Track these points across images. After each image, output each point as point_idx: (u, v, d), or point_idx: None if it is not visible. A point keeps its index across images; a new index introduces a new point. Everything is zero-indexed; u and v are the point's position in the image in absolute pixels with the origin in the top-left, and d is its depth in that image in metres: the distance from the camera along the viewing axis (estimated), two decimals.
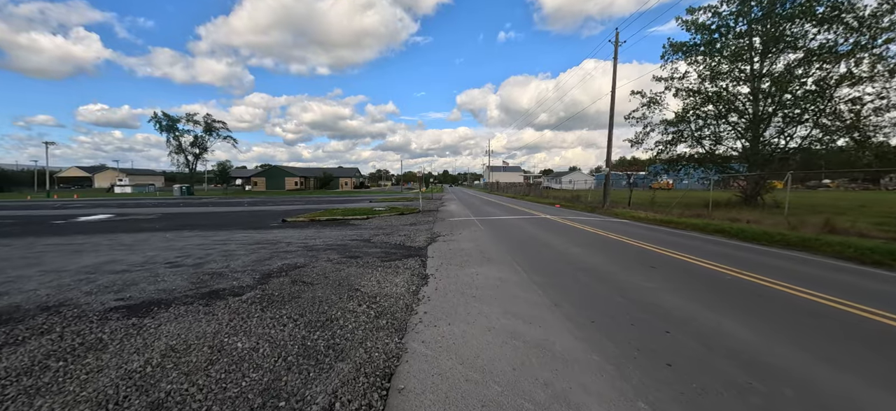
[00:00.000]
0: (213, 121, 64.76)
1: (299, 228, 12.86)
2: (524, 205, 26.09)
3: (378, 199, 34.26)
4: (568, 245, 8.50)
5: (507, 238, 9.72)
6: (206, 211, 22.38)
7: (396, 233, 10.49)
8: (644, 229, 12.08)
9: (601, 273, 5.83)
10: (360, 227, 12.67)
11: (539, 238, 9.67)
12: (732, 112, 23.28)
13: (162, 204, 30.88)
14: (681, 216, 15.31)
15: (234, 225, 14.40)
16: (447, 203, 27.51)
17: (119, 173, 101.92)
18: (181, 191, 61.38)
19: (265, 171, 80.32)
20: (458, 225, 12.96)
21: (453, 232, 10.92)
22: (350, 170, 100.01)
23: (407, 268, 5.98)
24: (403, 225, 13.20)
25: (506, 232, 11.00)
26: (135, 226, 13.77)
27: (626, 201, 23.38)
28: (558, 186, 75.45)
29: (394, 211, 19.01)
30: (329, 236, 10.20)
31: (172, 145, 62.30)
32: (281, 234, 10.93)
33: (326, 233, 10.79)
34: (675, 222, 13.56)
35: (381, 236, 9.89)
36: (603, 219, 15.75)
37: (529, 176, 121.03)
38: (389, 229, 11.80)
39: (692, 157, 25.03)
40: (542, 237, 9.84)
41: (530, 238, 9.71)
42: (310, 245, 8.54)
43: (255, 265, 6.29)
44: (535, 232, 11.04)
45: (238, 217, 18.04)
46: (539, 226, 12.35)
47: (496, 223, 13.52)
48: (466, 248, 8.02)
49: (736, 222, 12.63)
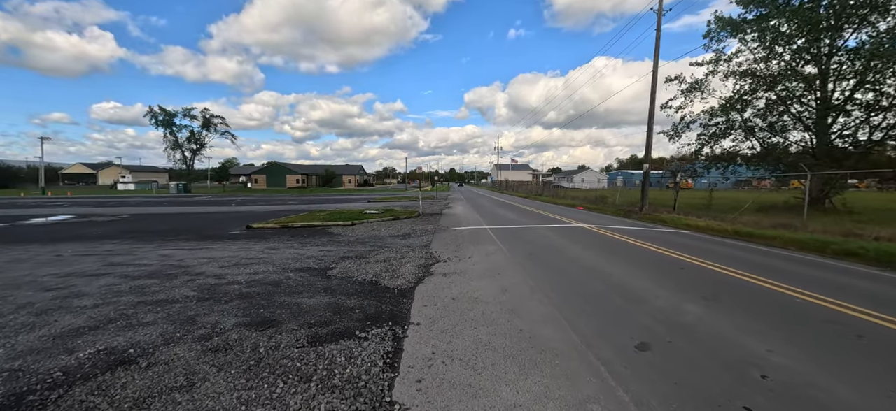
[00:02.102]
0: (212, 115, 62.45)
1: (256, 240, 9.66)
2: (541, 206, 22.61)
3: (377, 199, 31.14)
4: (671, 292, 4.99)
5: (544, 267, 6.30)
6: (182, 211, 19.66)
7: (375, 256, 7.19)
8: (746, 251, 8.58)
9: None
10: (333, 240, 9.41)
11: (601, 270, 6.14)
12: (793, 100, 19.44)
13: (149, 202, 28.80)
14: (759, 226, 11.72)
15: (189, 232, 11.66)
16: (453, 204, 24.18)
17: (122, 170, 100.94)
18: (178, 189, 59.31)
19: (266, 169, 77.82)
20: (465, 238, 9.62)
21: (459, 252, 7.57)
22: (354, 168, 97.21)
23: (348, 381, 2.65)
24: (393, 237, 9.92)
25: (538, 253, 7.58)
26: (71, 233, 11.15)
27: (664, 203, 19.74)
28: (570, 185, 71.54)
29: (388, 214, 15.75)
30: (277, 260, 6.94)
31: (169, 141, 60.16)
32: (218, 252, 7.74)
33: (278, 255, 7.54)
34: (764, 237, 10.01)
35: (349, 263, 6.59)
36: (657, 229, 12.25)
37: (538, 174, 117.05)
38: (371, 245, 8.53)
39: (743, 153, 21.26)
40: (603, 268, 6.34)
41: (585, 270, 6.19)
42: (223, 284, 5.29)
43: (52, 342, 3.08)
44: (581, 253, 7.61)
45: (206, 220, 15.13)
46: (580, 243, 8.93)
47: (518, 235, 10.12)
48: (482, 296, 4.64)
49: (853, 237, 9.03)
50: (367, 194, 42.33)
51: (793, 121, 19.83)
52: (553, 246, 8.32)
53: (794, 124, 19.86)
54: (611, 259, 6.95)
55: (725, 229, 11.62)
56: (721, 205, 21.33)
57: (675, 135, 22.28)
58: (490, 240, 9.20)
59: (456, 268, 6.06)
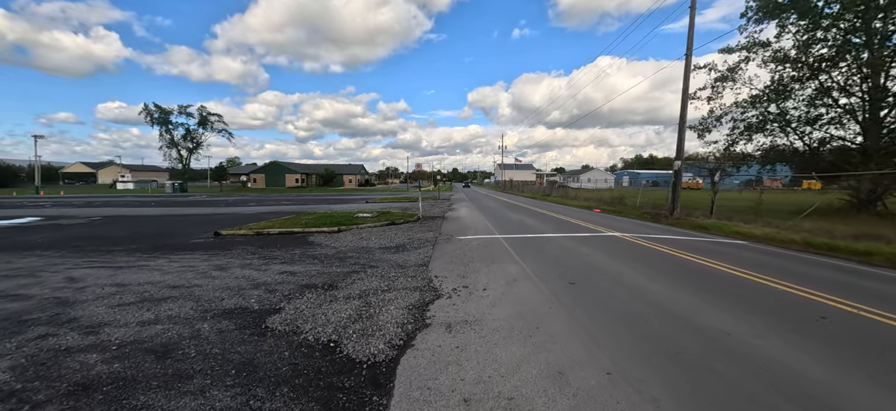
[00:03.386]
0: (209, 113, 60.80)
1: (212, 253, 7.66)
2: (554, 208, 20.50)
3: (376, 199, 29.16)
4: (875, 387, 2.93)
5: (603, 310, 4.15)
6: (161, 213, 17.99)
7: (351, 286, 5.14)
8: (861, 276, 6.46)
9: None
10: (307, 254, 7.38)
11: (698, 319, 3.99)
12: (840, 90, 17.17)
13: (137, 202, 27.17)
14: (831, 235, 9.56)
15: (145, 239, 9.86)
16: (457, 205, 22.11)
17: (122, 169, 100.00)
18: (173, 188, 57.77)
19: (265, 168, 76.12)
20: (475, 253, 7.55)
21: (469, 277, 5.50)
22: (355, 168, 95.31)
23: None
24: (383, 250, 7.89)
25: (581, 281, 5.44)
26: (9, 242, 9.05)
27: (693, 205, 17.58)
28: (576, 185, 69.34)
29: (384, 218, 13.73)
30: (208, 291, 4.93)
31: (165, 139, 58.58)
32: (144, 274, 5.75)
33: (217, 281, 5.51)
34: (852, 251, 7.87)
35: (308, 300, 4.53)
36: (708, 239, 10.14)
37: (542, 174, 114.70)
38: (351, 263, 6.50)
39: (779, 148, 19.03)
40: (697, 312, 4.20)
41: (671, 319, 3.94)
42: (78, 348, 3.29)
43: None
44: (642, 282, 5.48)
45: (177, 224, 13.39)
46: (626, 260, 6.84)
47: (541, 248, 8.04)
48: (521, 390, 2.55)
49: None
50: (367, 194, 40.38)
51: (839, 114, 17.58)
52: (594, 266, 6.24)
53: (841, 117, 17.61)
54: (695, 292, 4.84)
55: (793, 240, 9.49)
56: (744, 207, 19.16)
57: (704, 130, 20.12)
58: (507, 255, 7.13)
59: (466, 312, 4.00)
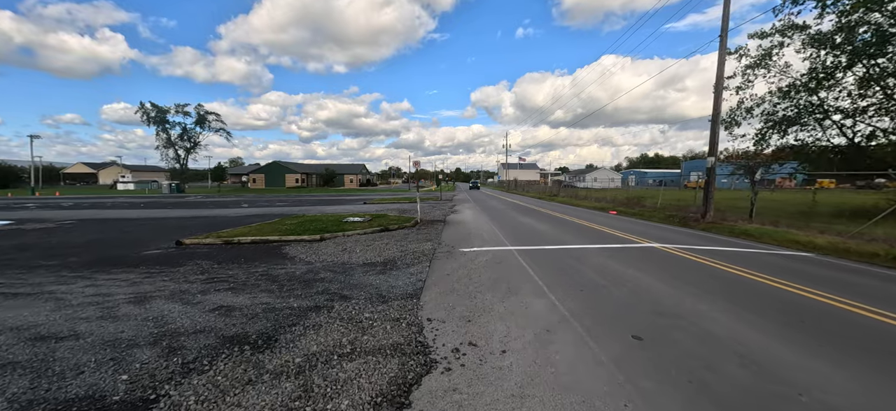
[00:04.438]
0: (206, 112, 59.42)
1: (151, 272, 6.01)
2: (566, 210, 18.72)
3: (375, 200, 27.53)
4: None
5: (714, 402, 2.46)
6: (139, 216, 16.56)
7: (298, 341, 3.43)
8: None
9: None
10: (264, 280, 5.68)
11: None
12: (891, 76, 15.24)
13: (126, 204, 25.90)
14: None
15: (100, 247, 8.78)
16: (460, 207, 20.36)
17: (122, 169, 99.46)
18: (170, 189, 56.55)
19: (264, 168, 74.67)
20: (483, 276, 5.82)
21: (476, 323, 3.76)
22: (356, 167, 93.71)
23: None
24: (366, 269, 6.19)
25: (648, 331, 3.65)
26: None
27: (726, 208, 15.74)
28: (582, 185, 67.35)
29: (377, 222, 12.03)
30: (86, 345, 3.26)
31: (161, 139, 57.25)
32: (30, 310, 4.11)
33: (112, 328, 3.85)
34: None
35: (211, 384, 2.84)
36: (766, 250, 8.35)
37: (546, 173, 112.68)
38: (315, 296, 4.80)
39: (819, 144, 17.12)
40: None
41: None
42: None
43: None
44: (753, 340, 3.68)
45: (146, 229, 12.01)
46: (698, 291, 5.06)
47: (568, 268, 6.29)
48: None
49: None
50: (367, 195, 38.74)
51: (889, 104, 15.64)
52: (655, 301, 4.48)
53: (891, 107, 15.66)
54: (838, 356, 3.11)
55: (873, 253, 7.68)
56: (778, 209, 17.31)
57: (732, 124, 18.24)
58: (526, 279, 5.39)
59: None
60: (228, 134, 61.55)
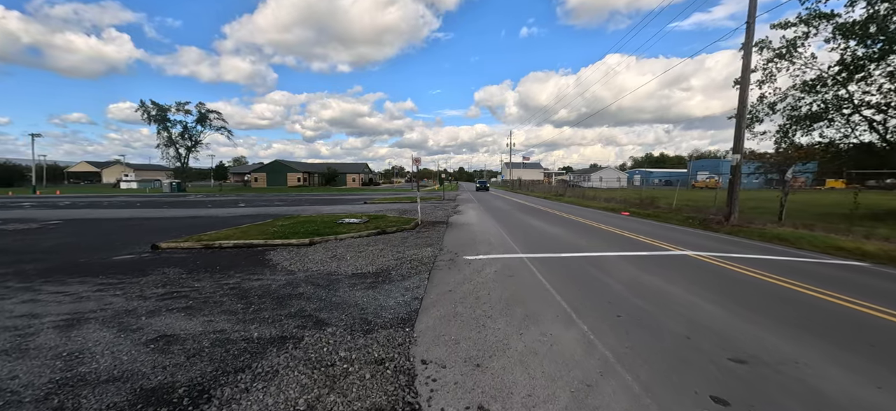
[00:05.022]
0: (208, 110, 58.86)
1: (111, 285, 5.14)
2: (575, 211, 17.72)
3: (376, 200, 26.66)
4: None
5: None
6: (130, 216, 15.83)
7: (236, 404, 2.54)
8: None
9: None
10: (230, 297, 4.77)
11: None
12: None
13: (124, 203, 25.61)
14: None
15: (73, 251, 8.10)
16: (463, 207, 19.42)
17: (126, 169, 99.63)
18: (171, 188, 56.11)
19: (266, 167, 74.08)
20: (493, 294, 4.86)
21: (486, 376, 2.81)
22: (359, 166, 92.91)
23: None
24: (353, 281, 5.26)
25: (731, 392, 2.73)
26: None
27: (748, 209, 14.67)
28: (588, 184, 66.17)
29: (375, 224, 11.12)
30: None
31: (162, 137, 56.75)
32: None
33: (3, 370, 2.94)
34: None
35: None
36: (815, 260, 7.34)
37: (551, 173, 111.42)
38: (283, 321, 3.88)
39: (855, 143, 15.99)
40: None
41: None
42: None
43: None
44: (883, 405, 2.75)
45: (127, 230, 11.41)
46: (765, 318, 4.07)
47: (594, 281, 5.33)
48: None
49: None
50: (369, 194, 37.86)
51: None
52: (713, 326, 3.53)
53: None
54: None
55: None
56: (803, 210, 16.23)
57: (753, 120, 17.13)
58: (547, 300, 4.43)
59: None
60: (229, 132, 60.97)
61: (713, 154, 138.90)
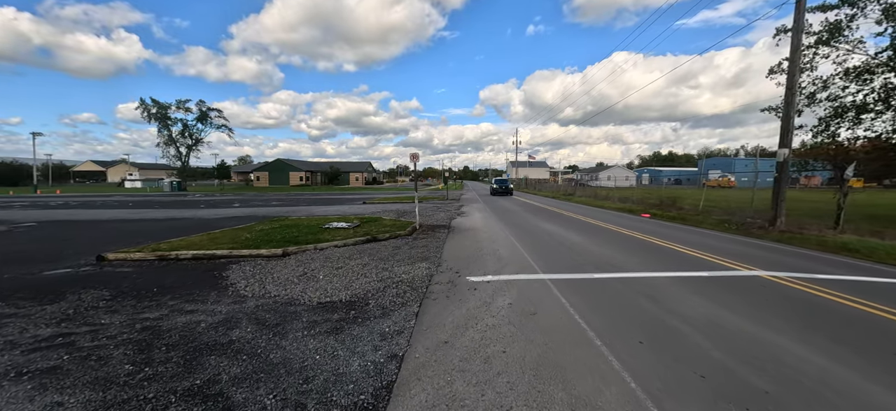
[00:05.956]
0: (208, 108, 57.90)
1: None
2: (589, 213, 16.10)
3: (376, 199, 25.22)
4: None
5: None
6: (110, 217, 14.70)
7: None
8: None
9: None
10: (122, 351, 3.29)
11: None
12: None
13: (116, 203, 24.61)
14: None
15: (11, 264, 6.76)
16: (468, 208, 17.88)
17: (130, 168, 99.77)
18: (172, 187, 55.35)
19: (268, 166, 73.07)
20: (509, 358, 3.32)
21: None
22: (362, 165, 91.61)
23: None
24: (315, 316, 3.75)
25: None
26: None
27: (792, 211, 12.96)
28: (596, 183, 64.19)
29: (365, 229, 9.63)
30: None
31: (163, 136, 55.92)
32: None
33: None
34: None
35: None
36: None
37: (557, 172, 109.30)
38: (182, 403, 2.41)
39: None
40: None
41: None
42: None
43: None
44: None
45: (105, 232, 10.23)
46: None
47: (672, 337, 3.79)
48: None
49: None
50: (370, 193, 36.46)
51: None
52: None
53: None
54: None
55: None
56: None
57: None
58: (595, 364, 2.90)
59: None
60: (230, 130, 60.00)
61: (723, 152, 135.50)
